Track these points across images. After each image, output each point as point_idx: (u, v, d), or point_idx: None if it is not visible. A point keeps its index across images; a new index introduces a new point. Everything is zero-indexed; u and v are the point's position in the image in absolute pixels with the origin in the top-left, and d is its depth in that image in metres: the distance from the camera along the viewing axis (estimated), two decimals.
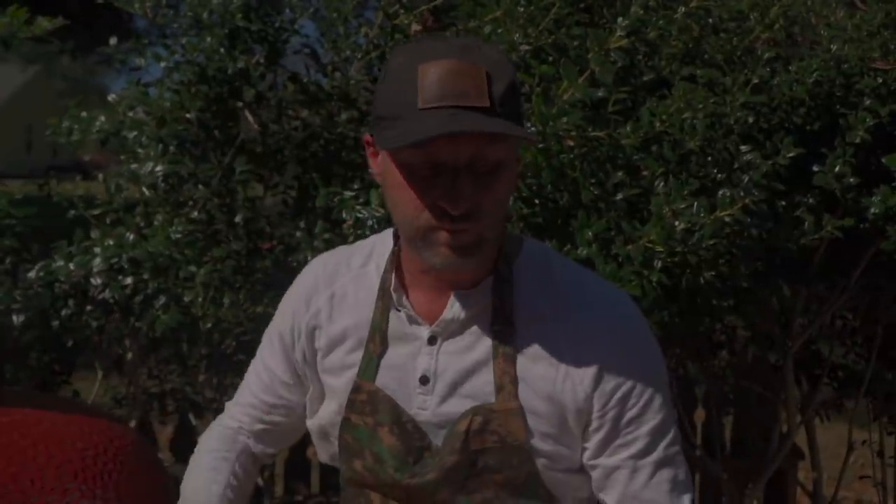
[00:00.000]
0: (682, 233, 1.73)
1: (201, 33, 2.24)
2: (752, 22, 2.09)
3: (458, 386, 1.13)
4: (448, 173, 1.03)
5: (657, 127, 1.91)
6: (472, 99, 1.00)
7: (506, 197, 1.09)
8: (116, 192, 2.18)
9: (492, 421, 1.11)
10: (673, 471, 1.14)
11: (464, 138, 1.01)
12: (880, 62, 1.97)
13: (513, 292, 1.14)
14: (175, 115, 2.10)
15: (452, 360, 1.14)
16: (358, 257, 1.26)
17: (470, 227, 1.05)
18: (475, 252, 1.07)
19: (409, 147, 1.02)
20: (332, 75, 2.30)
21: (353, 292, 1.22)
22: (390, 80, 1.06)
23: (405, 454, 1.14)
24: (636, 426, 1.12)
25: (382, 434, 1.15)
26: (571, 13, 2.01)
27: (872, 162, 2.07)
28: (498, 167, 1.05)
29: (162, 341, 2.42)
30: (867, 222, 2.04)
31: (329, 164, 2.41)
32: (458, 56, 1.02)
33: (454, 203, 1.02)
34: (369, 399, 1.17)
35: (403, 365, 1.16)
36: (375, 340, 1.18)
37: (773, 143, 1.96)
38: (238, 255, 2.24)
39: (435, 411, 1.14)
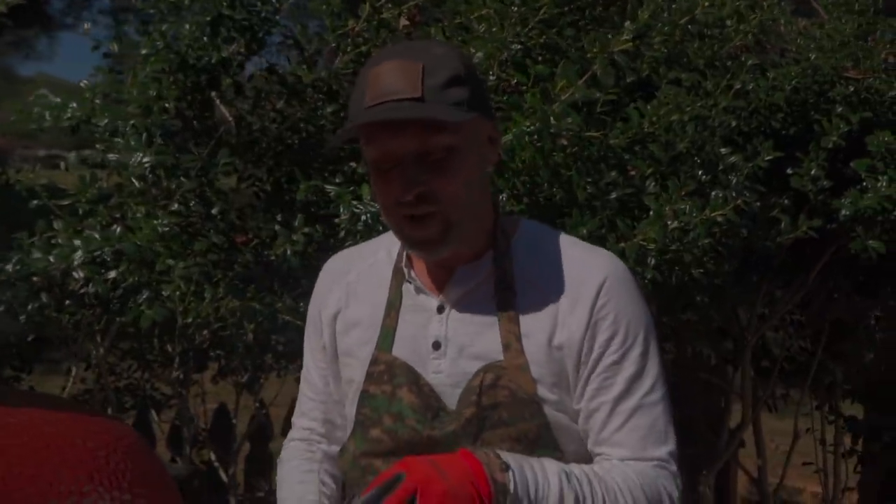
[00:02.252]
0: (677, 231, 1.79)
1: (181, 20, 2.17)
2: (729, 29, 2.16)
3: (468, 347, 1.21)
4: (399, 164, 1.13)
5: (646, 128, 1.97)
6: (407, 92, 1.10)
7: (469, 181, 1.17)
8: (91, 183, 2.10)
9: (502, 377, 1.19)
10: (649, 419, 1.20)
11: (406, 130, 1.11)
12: (853, 72, 2.07)
13: (512, 263, 1.24)
14: (162, 104, 2.04)
15: (461, 325, 1.23)
16: (369, 249, 1.37)
17: (432, 212, 1.14)
18: (444, 240, 1.17)
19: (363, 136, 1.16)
20: (313, 67, 2.27)
21: (366, 280, 1.32)
22: (355, 89, 1.18)
23: (424, 410, 1.21)
24: (614, 371, 1.20)
25: (402, 394, 1.22)
26: (563, 14, 2.05)
27: (840, 166, 2.18)
28: (450, 153, 1.14)
29: (134, 336, 2.35)
30: (834, 223, 2.16)
31: (308, 158, 2.38)
32: (401, 56, 1.14)
33: (404, 189, 1.13)
34: (387, 368, 1.24)
35: (416, 334, 1.24)
36: (391, 315, 1.27)
37: (753, 146, 2.05)
38: (219, 248, 2.20)
39: (449, 372, 1.21)
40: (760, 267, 2.21)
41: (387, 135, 1.12)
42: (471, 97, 1.15)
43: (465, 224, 1.18)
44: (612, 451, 1.20)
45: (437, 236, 1.16)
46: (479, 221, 1.23)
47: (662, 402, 1.22)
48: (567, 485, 1.11)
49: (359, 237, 1.97)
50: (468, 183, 1.17)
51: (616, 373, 1.20)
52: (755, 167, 2.01)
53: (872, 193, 2.01)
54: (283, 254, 2.22)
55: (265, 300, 2.18)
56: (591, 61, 1.85)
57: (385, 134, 1.12)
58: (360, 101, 1.13)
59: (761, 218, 2.11)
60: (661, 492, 1.17)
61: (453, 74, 1.13)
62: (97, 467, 1.22)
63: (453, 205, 1.15)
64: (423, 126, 1.11)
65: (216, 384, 3.15)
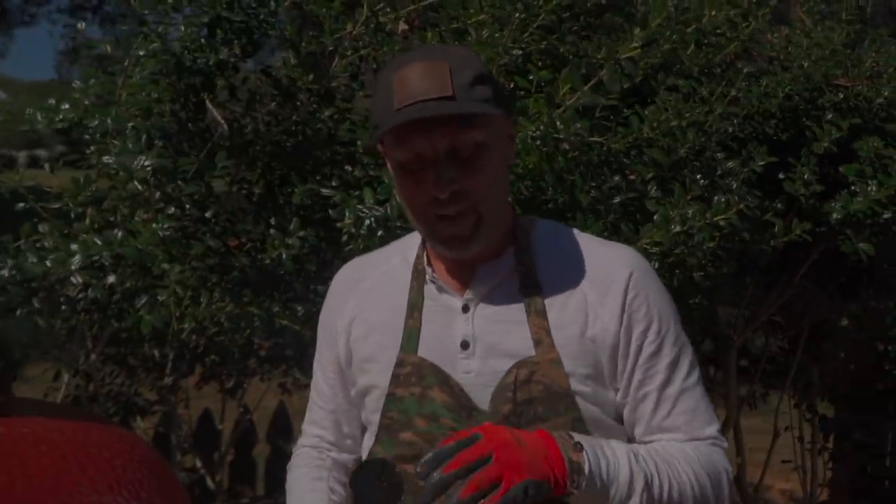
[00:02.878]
0: (681, 235, 1.82)
1: (176, 21, 2.15)
2: (722, 37, 2.21)
3: (498, 345, 1.21)
4: (431, 164, 1.14)
5: (645, 133, 2.00)
6: (436, 91, 1.12)
7: (496, 177, 1.19)
8: (85, 185, 2.07)
9: (536, 372, 1.19)
10: (693, 401, 1.23)
11: (437, 129, 1.13)
12: (842, 79, 2.12)
13: (534, 258, 1.25)
14: (161, 107, 2.01)
15: (488, 323, 1.22)
16: (381, 256, 1.38)
17: (464, 209, 1.16)
18: (477, 235, 1.18)
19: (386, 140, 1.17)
20: (311, 70, 2.26)
21: (382, 285, 1.32)
22: (376, 94, 1.19)
23: (459, 409, 1.21)
24: (655, 361, 1.22)
25: (434, 394, 1.21)
26: (562, 20, 2.07)
27: (829, 171, 2.24)
28: (479, 150, 1.16)
29: (124, 342, 2.32)
30: (824, 226, 2.21)
31: (302, 161, 2.37)
32: (424, 58, 1.16)
33: (440, 187, 1.13)
34: (414, 370, 1.23)
35: (442, 335, 1.24)
36: (414, 316, 1.26)
37: (748, 151, 2.09)
38: (215, 252, 2.18)
39: (479, 371, 1.21)
40: (752, 269, 2.25)
41: (419, 135, 1.13)
42: (494, 94, 1.17)
43: (494, 219, 1.20)
44: (666, 436, 1.22)
45: (470, 232, 1.17)
46: (503, 218, 1.24)
47: (700, 383, 1.25)
48: (636, 464, 1.13)
49: (361, 241, 1.96)
50: (496, 179, 1.19)
51: (657, 362, 1.22)
52: (750, 172, 2.06)
53: (862, 197, 2.06)
54: (277, 258, 2.21)
55: (263, 304, 2.16)
56: (595, 66, 1.87)
57: (417, 134, 1.13)
58: (388, 105, 1.14)
59: (756, 222, 2.15)
60: (717, 467, 1.21)
61: (478, 73, 1.15)
62: (116, 477, 1.20)
63: (484, 201, 1.17)
64: (456, 123, 1.13)
65: (199, 389, 3.12)
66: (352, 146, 2.31)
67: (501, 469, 1.03)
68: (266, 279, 2.27)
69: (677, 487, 1.15)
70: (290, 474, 1.40)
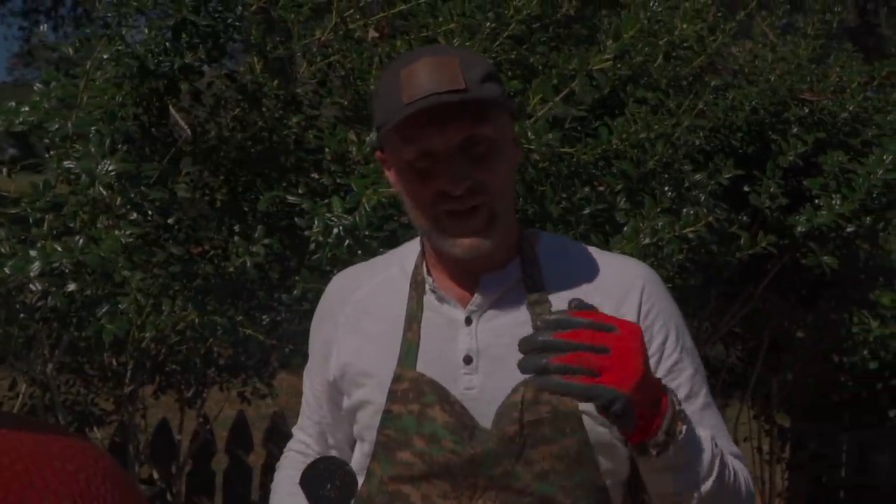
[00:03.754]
0: (651, 247, 1.83)
1: (141, 24, 2.11)
2: (690, 51, 2.23)
3: (503, 361, 1.14)
4: (444, 160, 1.10)
5: (615, 145, 2.00)
6: (449, 84, 1.07)
7: (507, 176, 1.15)
8: (45, 190, 2.01)
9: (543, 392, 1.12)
10: (716, 417, 1.20)
11: (451, 124, 1.08)
12: (808, 94, 2.16)
13: (541, 270, 1.20)
14: (124, 112, 1.97)
15: (492, 337, 1.17)
16: (379, 265, 1.31)
17: (478, 203, 1.11)
18: (490, 231, 1.13)
19: (391, 139, 1.12)
20: (277, 76, 2.23)
21: (378, 295, 1.26)
22: (380, 94, 1.15)
23: (460, 429, 1.15)
24: (677, 373, 1.18)
25: (434, 413, 1.15)
26: (532, 31, 2.07)
27: (794, 184, 2.27)
28: (492, 146, 1.12)
29: (83, 351, 2.25)
30: (786, 238, 2.24)
31: (267, 167, 2.33)
32: (433, 54, 1.12)
33: (454, 183, 1.09)
34: (413, 386, 1.17)
35: (443, 348, 1.18)
36: (413, 329, 1.20)
37: (715, 163, 2.11)
38: (178, 259, 2.13)
39: (483, 388, 1.15)
40: (716, 281, 2.27)
41: (432, 129, 1.09)
42: (501, 93, 1.14)
43: (506, 218, 1.15)
44: None
45: (484, 227, 1.12)
46: (512, 223, 1.20)
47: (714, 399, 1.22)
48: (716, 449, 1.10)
49: (328, 250, 1.94)
50: (508, 177, 1.16)
51: (679, 373, 1.18)
52: (717, 184, 2.07)
53: (826, 211, 2.09)
54: (241, 265, 2.17)
55: (227, 313, 2.13)
56: (566, 77, 1.87)
57: (430, 128, 1.09)
58: (396, 101, 1.09)
59: (722, 234, 2.17)
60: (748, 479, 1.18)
61: (487, 71, 1.12)
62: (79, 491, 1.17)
63: (499, 197, 1.13)
64: (470, 117, 1.09)
65: (157, 399, 3.05)
66: (318, 153, 2.28)
67: (608, 365, 0.96)
68: (229, 287, 2.23)
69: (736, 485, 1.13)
70: (276, 475, 1.38)
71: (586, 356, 0.96)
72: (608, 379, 0.96)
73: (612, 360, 0.96)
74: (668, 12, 1.99)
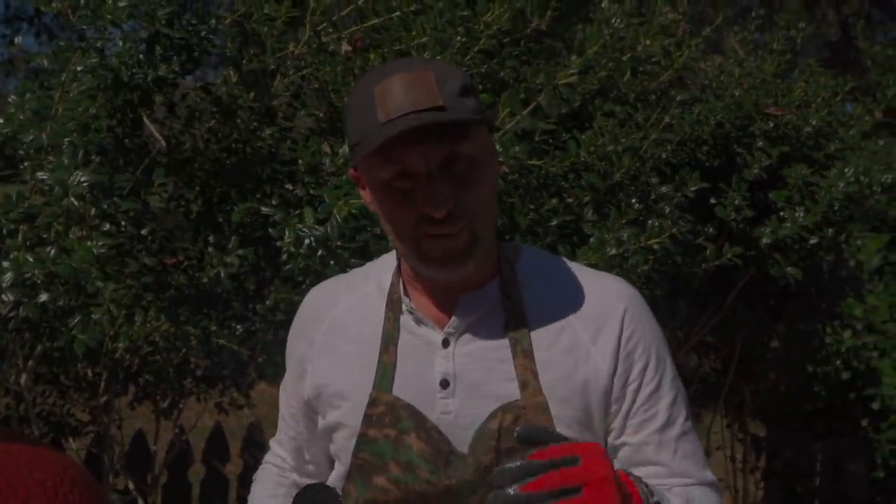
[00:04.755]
0: (617, 258, 1.86)
1: (115, 36, 2.13)
2: (656, 65, 2.27)
3: (481, 386, 1.13)
4: (424, 180, 1.05)
5: (582, 157, 2.04)
6: (426, 102, 1.03)
7: (490, 195, 1.11)
8: (18, 202, 2.02)
9: (521, 417, 1.11)
10: (693, 444, 1.17)
11: (430, 142, 1.04)
12: (773, 108, 2.20)
13: (520, 291, 1.17)
14: (98, 123, 1.98)
15: (470, 361, 1.14)
16: (357, 281, 1.27)
17: (460, 228, 1.07)
18: (471, 254, 1.09)
19: (377, 156, 1.05)
20: (252, 88, 2.25)
21: (355, 314, 1.23)
22: (353, 110, 1.10)
23: (436, 457, 1.12)
24: (655, 400, 1.15)
25: (410, 441, 1.13)
26: (503, 45, 2.11)
27: (759, 196, 2.31)
28: (473, 163, 1.07)
29: (56, 361, 2.26)
30: (752, 250, 2.28)
31: (241, 179, 2.35)
32: (406, 69, 1.07)
33: (435, 206, 1.04)
34: (388, 410, 1.15)
35: (420, 372, 1.15)
36: (389, 351, 1.17)
37: (681, 176, 2.15)
38: (151, 270, 2.15)
39: (459, 413, 1.13)
40: (685, 291, 2.31)
41: (411, 148, 1.03)
42: (479, 106, 1.10)
43: (488, 240, 1.12)
44: (677, 481, 1.15)
45: (465, 250, 1.08)
46: (494, 242, 1.16)
47: (694, 424, 1.20)
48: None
49: (300, 261, 1.96)
50: (490, 195, 1.11)
51: (657, 401, 1.15)
52: (683, 197, 2.11)
53: (790, 223, 2.13)
54: (215, 276, 2.19)
55: (200, 323, 2.14)
56: (534, 91, 1.90)
57: (409, 148, 1.03)
58: (370, 120, 1.05)
59: (688, 245, 2.21)
60: None
61: (463, 84, 1.08)
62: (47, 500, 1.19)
63: (481, 219, 1.09)
64: (451, 135, 1.04)
65: (133, 409, 3.05)
66: (292, 165, 2.30)
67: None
68: (203, 298, 2.25)
69: None
70: (253, 487, 1.37)
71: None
72: None
73: (585, 499, 0.92)
74: (632, 28, 2.03)
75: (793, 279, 2.16)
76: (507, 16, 2.07)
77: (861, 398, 3.80)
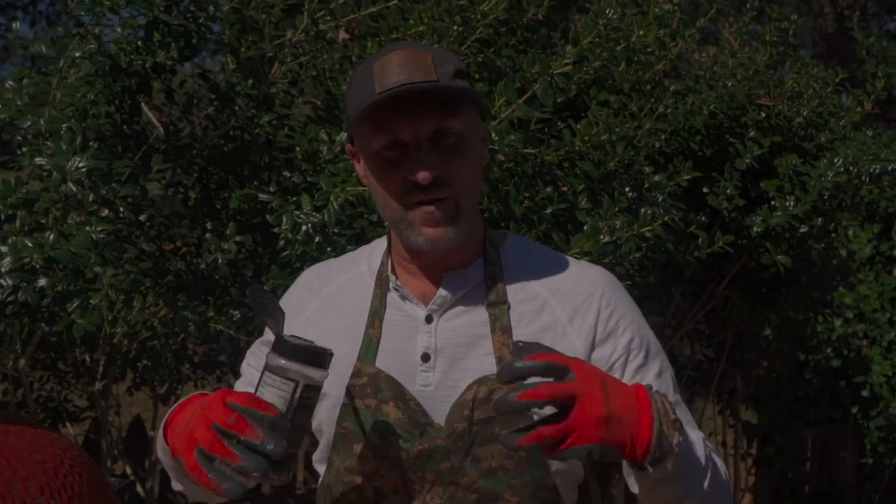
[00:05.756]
0: (609, 245, 1.89)
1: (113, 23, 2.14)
2: (651, 55, 2.29)
3: (459, 360, 1.19)
4: (413, 150, 1.12)
5: (577, 146, 2.06)
6: (421, 76, 1.10)
7: (475, 173, 1.17)
8: (16, 187, 2.04)
9: (495, 391, 1.15)
10: (685, 414, 1.20)
11: (421, 115, 1.11)
12: (765, 99, 2.22)
13: (502, 272, 1.22)
14: (96, 109, 2.00)
15: (451, 336, 1.20)
16: (349, 262, 1.34)
17: (444, 196, 1.13)
18: (454, 222, 1.15)
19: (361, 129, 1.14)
20: (250, 75, 2.27)
21: (346, 291, 1.28)
22: (353, 86, 1.17)
23: (412, 426, 1.18)
24: (644, 373, 1.19)
25: (388, 409, 1.18)
26: (499, 34, 2.12)
27: (751, 186, 2.34)
28: (461, 140, 1.14)
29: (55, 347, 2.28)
30: (744, 239, 2.31)
31: (239, 165, 2.37)
32: (406, 48, 1.14)
33: (421, 172, 1.11)
34: (370, 381, 1.20)
35: (403, 346, 1.21)
36: (375, 325, 1.23)
37: (674, 165, 2.17)
38: (149, 256, 2.17)
39: (438, 385, 1.18)
40: (677, 280, 2.34)
41: (402, 119, 1.11)
42: (472, 90, 1.16)
43: (471, 214, 1.17)
44: None
45: (449, 218, 1.14)
46: (477, 221, 1.22)
47: (684, 401, 1.23)
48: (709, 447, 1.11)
49: (298, 247, 1.98)
50: (475, 174, 1.17)
51: (646, 373, 1.19)
52: (676, 186, 2.14)
53: (781, 212, 2.16)
54: (213, 262, 2.21)
55: (198, 309, 2.16)
56: (530, 80, 1.93)
57: (400, 118, 1.11)
58: (368, 91, 1.11)
59: (681, 234, 2.23)
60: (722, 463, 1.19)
61: (458, 67, 1.15)
62: (47, 480, 1.21)
63: (464, 192, 1.15)
64: (441, 108, 1.11)
65: (131, 395, 3.07)
66: (290, 152, 2.32)
67: (572, 425, 0.97)
68: (201, 284, 2.27)
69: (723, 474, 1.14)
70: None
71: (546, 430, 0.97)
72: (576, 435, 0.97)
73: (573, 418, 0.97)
74: (627, 19, 2.05)
75: (783, 267, 2.19)
76: (504, 5, 2.09)
77: (851, 386, 3.84)
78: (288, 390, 1.04)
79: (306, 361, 1.05)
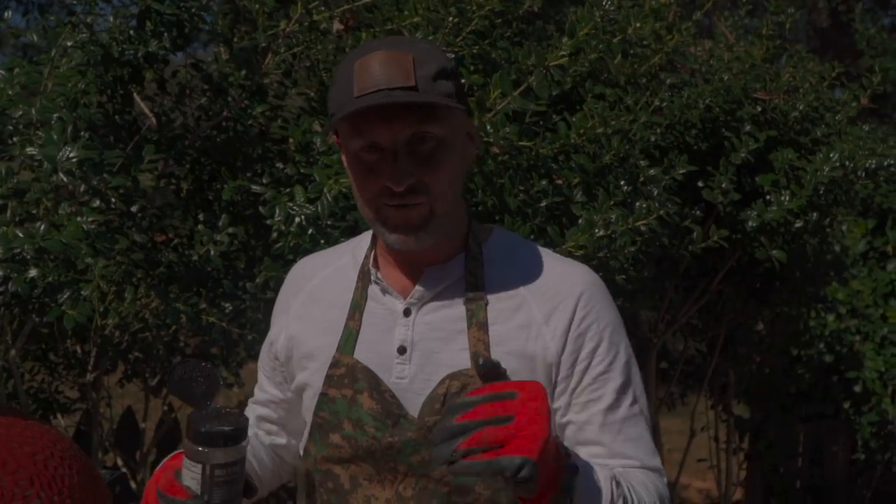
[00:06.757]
0: (604, 239, 1.88)
1: (105, 12, 2.12)
2: (647, 49, 2.28)
3: (435, 354, 1.19)
4: (389, 155, 1.12)
5: (572, 139, 2.05)
6: (399, 81, 1.09)
7: (454, 175, 1.16)
8: (7, 177, 2.02)
9: (468, 385, 1.16)
10: (638, 430, 1.19)
11: (399, 120, 1.10)
12: (761, 93, 2.22)
13: (483, 268, 1.22)
14: (88, 99, 1.98)
15: (428, 330, 1.21)
16: (334, 254, 1.36)
17: (418, 203, 1.13)
18: (425, 228, 1.15)
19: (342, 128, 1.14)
20: (243, 66, 2.25)
21: (329, 283, 1.30)
22: (336, 82, 1.16)
23: (385, 417, 1.19)
24: (603, 382, 1.18)
25: (362, 399, 1.20)
26: (494, 26, 2.11)
27: (746, 180, 2.33)
28: (439, 145, 1.13)
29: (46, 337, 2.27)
30: (738, 233, 2.30)
31: (232, 157, 2.36)
32: (388, 47, 1.13)
33: (396, 180, 1.11)
34: (348, 372, 1.22)
35: (381, 338, 1.22)
36: (355, 317, 1.24)
37: (669, 159, 2.16)
38: (141, 247, 2.15)
39: (413, 378, 1.19)
40: (672, 274, 2.33)
41: (379, 124, 1.10)
42: (456, 91, 1.15)
43: (446, 217, 1.17)
44: (619, 462, 1.17)
45: (422, 222, 1.14)
46: (457, 220, 1.22)
47: (644, 412, 1.21)
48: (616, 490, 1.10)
49: (291, 239, 1.97)
50: (454, 177, 1.16)
51: (605, 383, 1.18)
52: (671, 179, 2.13)
53: (776, 206, 2.16)
54: (205, 254, 2.20)
55: (190, 301, 2.15)
56: (525, 73, 1.91)
57: (378, 123, 1.10)
58: (347, 92, 1.11)
59: (676, 228, 2.23)
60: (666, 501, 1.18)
61: (441, 67, 1.13)
62: (37, 472, 1.20)
63: (440, 198, 1.14)
64: (418, 115, 1.10)
65: (122, 387, 3.06)
66: (283, 143, 2.31)
67: (513, 433, 0.97)
68: (193, 275, 2.26)
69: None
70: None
71: (488, 431, 0.97)
72: (513, 447, 0.96)
73: (516, 427, 0.97)
74: (623, 11, 2.03)
75: (777, 262, 2.18)
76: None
77: (843, 381, 3.85)
78: (198, 472, 1.07)
79: (209, 444, 1.06)
